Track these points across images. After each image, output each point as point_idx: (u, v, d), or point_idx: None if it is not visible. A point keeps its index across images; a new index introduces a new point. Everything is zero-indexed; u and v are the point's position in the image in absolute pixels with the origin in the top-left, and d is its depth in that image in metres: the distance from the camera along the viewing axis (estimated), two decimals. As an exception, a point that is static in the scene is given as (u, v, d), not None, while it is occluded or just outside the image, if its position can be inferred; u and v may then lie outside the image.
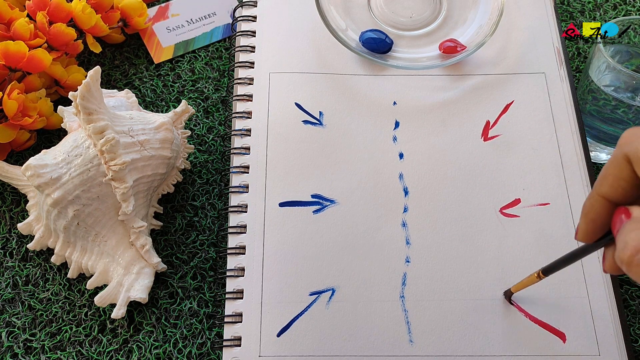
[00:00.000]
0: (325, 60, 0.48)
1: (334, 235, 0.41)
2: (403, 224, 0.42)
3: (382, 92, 0.46)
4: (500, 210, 0.42)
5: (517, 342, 0.38)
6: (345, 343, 0.38)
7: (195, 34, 0.53)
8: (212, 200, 0.45)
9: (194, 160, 0.47)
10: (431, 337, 0.38)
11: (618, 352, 0.38)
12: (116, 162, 0.38)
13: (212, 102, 0.50)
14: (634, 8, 0.54)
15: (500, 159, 0.44)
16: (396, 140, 0.45)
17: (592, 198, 0.26)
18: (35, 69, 0.45)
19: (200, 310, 0.41)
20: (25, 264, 0.43)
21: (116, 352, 0.40)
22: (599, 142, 0.46)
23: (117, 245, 0.41)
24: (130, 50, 0.53)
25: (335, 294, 0.40)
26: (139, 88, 0.50)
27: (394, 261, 0.40)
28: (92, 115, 0.38)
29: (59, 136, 0.48)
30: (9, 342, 0.40)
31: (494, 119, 0.45)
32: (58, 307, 0.41)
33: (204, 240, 0.44)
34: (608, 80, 0.43)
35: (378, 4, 0.50)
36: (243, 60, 0.48)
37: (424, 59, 0.47)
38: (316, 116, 0.45)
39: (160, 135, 0.41)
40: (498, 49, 0.48)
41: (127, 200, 0.39)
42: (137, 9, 0.51)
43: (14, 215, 0.45)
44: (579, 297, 0.39)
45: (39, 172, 0.38)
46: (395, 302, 0.39)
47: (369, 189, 0.43)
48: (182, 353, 0.40)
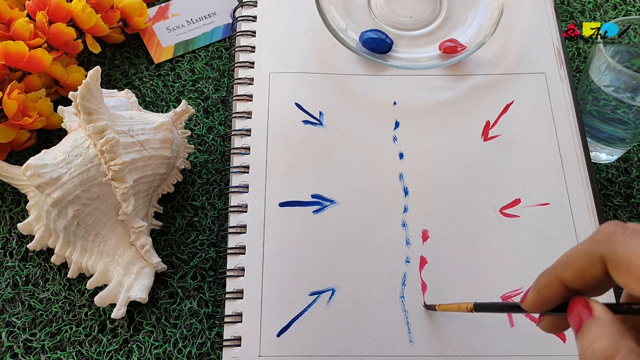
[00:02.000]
0: (325, 60, 0.48)
1: (334, 235, 0.41)
2: (403, 224, 0.42)
3: (382, 92, 0.46)
4: (500, 210, 0.42)
5: (517, 342, 0.38)
6: (345, 343, 0.38)
7: (195, 34, 0.53)
8: (212, 200, 0.45)
9: (194, 160, 0.47)
10: (431, 337, 0.38)
11: (618, 352, 0.38)
12: (116, 162, 0.38)
13: (212, 102, 0.50)
14: (634, 8, 0.54)
15: (500, 159, 0.44)
16: (396, 140, 0.45)
17: (548, 277, 0.25)
18: (35, 69, 0.45)
19: (200, 310, 0.41)
20: (25, 264, 0.43)
21: (116, 352, 0.40)
22: (599, 142, 0.46)
23: (117, 245, 0.41)
24: (130, 50, 0.53)
25: (335, 294, 0.40)
26: (139, 88, 0.50)
27: (394, 261, 0.40)
28: (92, 115, 0.38)
29: (59, 136, 0.48)
30: (9, 342, 0.40)
31: (494, 119, 0.45)
32: (58, 307, 0.41)
33: (204, 240, 0.44)
34: (608, 80, 0.43)
35: (378, 4, 0.50)
36: (243, 60, 0.48)
37: (424, 59, 0.47)
38: (316, 116, 0.45)
39: (160, 135, 0.41)
40: (498, 49, 0.48)
41: (127, 200, 0.39)
42: (137, 9, 0.51)
43: (14, 215, 0.45)
44: (579, 297, 0.39)
45: (39, 172, 0.38)
46: (395, 302, 0.39)
47: (369, 189, 0.43)
48: (182, 353, 0.40)
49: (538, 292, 0.25)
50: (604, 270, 0.23)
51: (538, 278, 0.25)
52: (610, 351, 0.21)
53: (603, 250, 0.22)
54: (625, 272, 0.21)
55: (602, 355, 0.21)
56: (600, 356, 0.21)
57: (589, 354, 0.22)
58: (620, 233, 0.22)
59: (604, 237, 0.23)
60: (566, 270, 0.24)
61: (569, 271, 0.24)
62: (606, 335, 0.21)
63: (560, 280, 0.24)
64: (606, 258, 0.22)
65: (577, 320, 0.23)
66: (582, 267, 0.23)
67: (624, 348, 0.21)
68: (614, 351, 0.21)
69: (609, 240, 0.22)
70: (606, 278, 0.23)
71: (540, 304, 0.25)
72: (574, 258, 0.24)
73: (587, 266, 0.23)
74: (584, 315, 0.23)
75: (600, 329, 0.22)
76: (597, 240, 0.23)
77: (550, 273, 0.25)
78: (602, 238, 0.23)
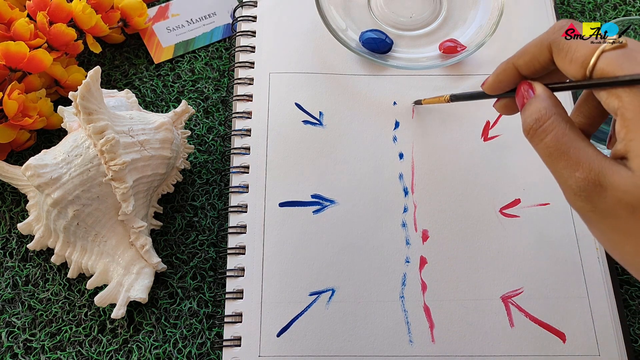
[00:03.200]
0: (325, 60, 0.48)
1: (334, 235, 0.41)
2: (403, 224, 0.42)
3: (382, 92, 0.46)
4: (500, 211, 0.42)
5: (517, 342, 0.38)
6: (345, 343, 0.38)
7: (195, 34, 0.53)
8: (212, 200, 0.45)
9: (194, 160, 0.47)
10: (431, 337, 0.38)
11: (618, 352, 0.38)
12: (116, 162, 0.38)
13: (212, 102, 0.50)
14: (634, 8, 0.54)
15: (500, 159, 0.44)
16: (396, 140, 0.45)
17: (507, 63, 0.29)
18: (35, 69, 0.45)
19: (200, 310, 0.41)
20: (25, 264, 0.43)
21: (116, 352, 0.40)
22: (598, 142, 0.46)
23: (117, 245, 0.41)
24: (130, 50, 0.53)
25: (335, 294, 0.40)
26: (139, 88, 0.50)
27: (393, 261, 0.40)
28: (92, 115, 0.38)
29: (59, 136, 0.48)
30: (9, 342, 0.40)
31: (494, 119, 0.45)
32: (58, 307, 0.41)
33: (204, 240, 0.44)
34: (608, 80, 0.42)
35: (378, 4, 0.50)
36: (243, 60, 0.48)
37: (424, 59, 0.47)
38: (316, 116, 0.45)
39: (160, 135, 0.41)
40: (498, 49, 0.48)
41: (127, 200, 0.39)
42: (137, 9, 0.51)
43: (14, 215, 0.45)
44: (579, 297, 0.39)
45: (39, 172, 0.38)
46: (395, 302, 0.39)
47: (369, 189, 0.43)
48: (182, 353, 0.40)
49: (496, 76, 0.30)
50: (550, 57, 0.27)
51: (498, 66, 0.30)
52: (543, 116, 0.26)
53: (551, 39, 0.27)
54: (564, 56, 0.26)
55: (537, 118, 0.26)
56: (535, 119, 0.26)
57: (528, 121, 0.27)
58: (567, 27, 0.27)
59: (556, 29, 0.27)
60: (521, 58, 0.29)
61: (523, 58, 0.28)
62: (542, 105, 0.27)
63: (515, 66, 0.29)
64: (552, 45, 0.27)
65: (521, 99, 0.28)
66: (534, 55, 0.28)
67: (555, 115, 0.26)
68: (547, 117, 0.26)
69: (558, 32, 0.27)
70: (552, 66, 0.28)
71: (497, 86, 0.31)
72: (529, 46, 0.28)
73: (538, 53, 0.28)
74: (526, 94, 0.28)
75: (538, 101, 0.27)
76: (548, 32, 0.27)
77: (508, 61, 0.29)
78: (553, 30, 0.27)
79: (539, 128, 0.26)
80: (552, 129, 0.26)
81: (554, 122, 0.26)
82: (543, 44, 0.27)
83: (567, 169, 0.25)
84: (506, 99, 0.32)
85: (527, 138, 0.27)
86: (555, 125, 0.26)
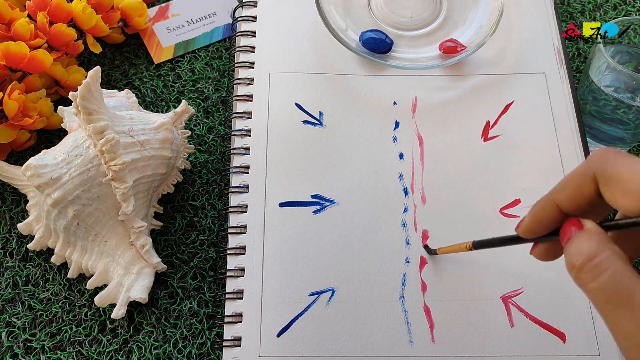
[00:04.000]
0: (325, 60, 0.48)
1: (334, 235, 0.41)
2: (403, 224, 0.42)
3: (382, 92, 0.46)
4: (500, 211, 0.42)
5: (517, 342, 0.38)
6: (345, 343, 0.38)
7: (195, 34, 0.53)
8: (212, 201, 0.45)
9: (194, 160, 0.47)
10: (431, 337, 0.38)
11: (618, 352, 0.38)
12: (116, 162, 0.38)
13: (212, 102, 0.50)
14: (634, 8, 0.54)
15: (500, 159, 0.44)
16: (396, 141, 0.45)
17: (545, 201, 0.26)
18: (35, 70, 0.45)
19: (200, 310, 0.41)
20: (25, 264, 0.43)
21: (116, 352, 0.40)
22: (599, 142, 0.46)
23: (117, 245, 0.41)
24: (130, 50, 0.53)
25: (335, 294, 0.40)
26: (139, 88, 0.50)
27: (393, 261, 0.40)
28: (92, 115, 0.38)
29: (59, 136, 0.48)
30: (9, 342, 0.40)
31: (494, 119, 0.45)
32: (58, 307, 0.41)
33: (204, 240, 0.44)
34: (608, 80, 0.43)
35: (378, 4, 0.50)
36: (243, 60, 0.48)
37: (424, 59, 0.47)
38: (316, 116, 0.45)
39: (160, 135, 0.41)
40: (498, 49, 0.48)
41: (127, 200, 0.39)
42: (137, 9, 0.51)
43: (14, 215, 0.45)
44: (579, 297, 0.39)
45: (39, 172, 0.38)
46: (395, 302, 0.39)
47: (369, 189, 0.43)
48: (182, 353, 0.40)
49: (533, 216, 0.26)
50: (595, 188, 0.24)
51: (535, 204, 0.26)
52: (595, 251, 0.22)
53: (595, 169, 0.23)
54: (615, 186, 0.22)
55: (588, 253, 0.22)
56: (586, 254, 0.22)
57: (575, 253, 0.22)
58: (612, 154, 0.23)
59: (597, 158, 0.24)
60: (561, 192, 0.25)
61: (564, 193, 0.25)
62: (594, 240, 0.22)
63: (555, 203, 0.25)
64: (598, 175, 0.23)
65: (568, 233, 0.24)
66: (576, 189, 0.24)
67: (609, 250, 0.22)
68: (599, 251, 0.22)
69: (601, 160, 0.23)
70: (598, 199, 0.24)
71: (535, 228, 0.26)
72: (569, 179, 0.25)
73: (581, 185, 0.24)
74: (575, 230, 0.24)
75: (588, 236, 0.23)
76: (590, 161, 0.24)
77: (546, 198, 0.26)
78: (595, 159, 0.24)
79: (590, 263, 0.22)
80: (607, 265, 0.21)
81: (611, 259, 0.21)
82: (586, 175, 0.24)
83: (632, 322, 0.20)
84: (546, 243, 0.27)
85: (572, 275, 0.22)
86: (612, 262, 0.21)
